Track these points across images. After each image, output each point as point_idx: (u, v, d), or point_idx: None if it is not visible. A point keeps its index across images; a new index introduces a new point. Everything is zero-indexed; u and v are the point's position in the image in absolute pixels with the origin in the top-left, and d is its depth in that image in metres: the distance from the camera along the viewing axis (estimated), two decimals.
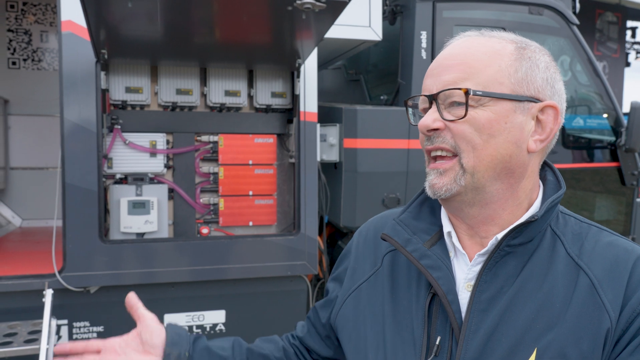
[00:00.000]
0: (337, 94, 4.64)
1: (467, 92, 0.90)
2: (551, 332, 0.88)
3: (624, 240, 0.97)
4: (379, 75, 4.29)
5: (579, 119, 4.19)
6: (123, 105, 3.04)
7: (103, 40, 2.60)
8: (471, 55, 0.93)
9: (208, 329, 3.14)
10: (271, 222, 3.29)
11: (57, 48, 5.12)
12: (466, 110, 0.91)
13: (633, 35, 15.77)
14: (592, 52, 13.06)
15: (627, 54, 15.14)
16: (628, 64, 15.37)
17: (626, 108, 4.04)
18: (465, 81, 0.92)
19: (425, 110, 0.98)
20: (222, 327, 3.17)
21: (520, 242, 0.94)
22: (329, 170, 3.57)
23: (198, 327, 3.13)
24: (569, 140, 4.12)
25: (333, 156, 3.46)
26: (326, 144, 3.47)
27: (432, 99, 0.95)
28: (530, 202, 0.99)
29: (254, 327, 3.21)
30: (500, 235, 0.95)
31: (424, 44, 3.53)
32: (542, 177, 1.04)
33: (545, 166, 1.06)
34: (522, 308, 0.91)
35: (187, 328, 3.11)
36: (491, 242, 0.96)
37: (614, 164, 4.23)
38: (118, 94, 3.00)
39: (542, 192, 1.01)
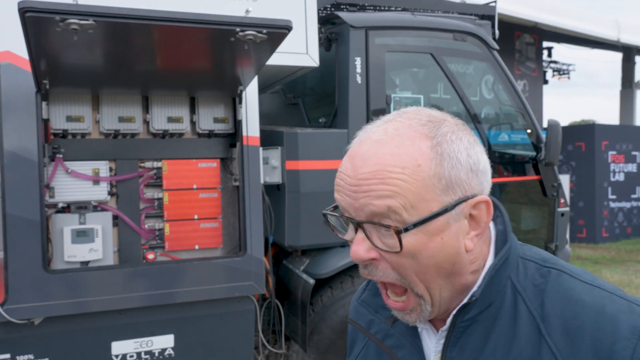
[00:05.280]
0: (276, 117, 4.76)
1: (398, 231, 0.85)
2: None
3: (582, 289, 0.92)
4: (317, 99, 4.45)
5: (504, 134, 4.51)
6: (64, 134, 3.04)
7: (44, 70, 2.61)
8: (389, 174, 0.85)
9: (157, 354, 3.14)
10: (217, 245, 3.35)
11: None
12: (400, 246, 0.86)
13: (549, 55, 16.90)
14: (513, 71, 13.85)
15: (544, 73, 16.18)
16: (546, 82, 16.44)
17: (546, 123, 4.40)
18: (389, 199, 0.85)
19: (346, 222, 0.92)
20: (171, 352, 3.18)
21: (475, 313, 0.93)
22: (272, 192, 3.67)
23: (147, 352, 3.12)
24: (495, 156, 4.41)
25: (276, 178, 3.56)
26: (269, 167, 3.58)
27: (357, 225, 0.88)
28: (484, 259, 0.96)
29: (203, 349, 3.23)
30: (454, 312, 0.94)
31: (358, 69, 3.72)
32: (495, 223, 1.00)
33: (496, 209, 1.00)
34: None
35: (135, 355, 3.10)
36: (449, 320, 0.95)
37: (536, 177, 4.56)
38: (59, 123, 3.00)
39: (494, 248, 0.97)
